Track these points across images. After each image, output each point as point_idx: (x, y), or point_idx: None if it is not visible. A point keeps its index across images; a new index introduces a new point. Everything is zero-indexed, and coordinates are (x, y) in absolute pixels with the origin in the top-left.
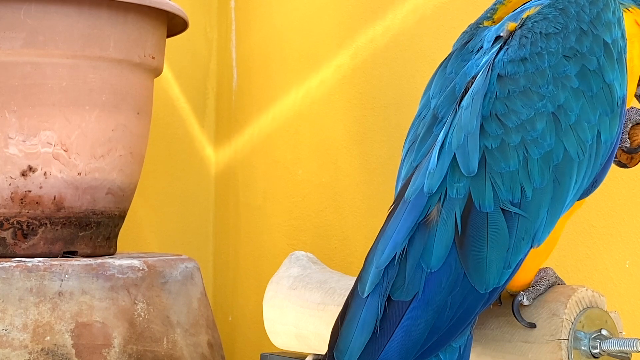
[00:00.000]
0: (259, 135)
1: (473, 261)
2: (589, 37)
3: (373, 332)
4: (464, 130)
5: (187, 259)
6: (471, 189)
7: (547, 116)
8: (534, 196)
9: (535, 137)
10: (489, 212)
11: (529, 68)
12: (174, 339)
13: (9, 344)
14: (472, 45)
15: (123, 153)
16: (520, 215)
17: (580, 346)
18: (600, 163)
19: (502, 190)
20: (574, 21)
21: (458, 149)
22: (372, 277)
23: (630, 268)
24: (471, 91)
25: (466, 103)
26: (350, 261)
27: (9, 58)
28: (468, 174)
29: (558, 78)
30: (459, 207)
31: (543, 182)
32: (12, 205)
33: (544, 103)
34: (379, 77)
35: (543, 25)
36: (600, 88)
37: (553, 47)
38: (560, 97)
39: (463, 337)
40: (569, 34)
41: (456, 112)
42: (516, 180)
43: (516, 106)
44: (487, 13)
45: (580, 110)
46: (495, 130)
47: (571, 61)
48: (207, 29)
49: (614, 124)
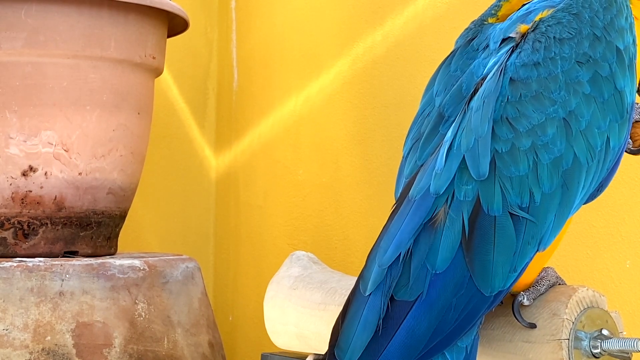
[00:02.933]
0: (260, 136)
1: (479, 264)
2: (602, 43)
3: (375, 331)
4: (475, 133)
5: (187, 259)
6: (480, 192)
7: (558, 121)
8: (543, 201)
9: (545, 142)
10: (497, 216)
11: (542, 73)
12: (175, 339)
13: (10, 343)
14: (477, 43)
15: (124, 153)
16: (528, 219)
17: (581, 346)
18: (607, 168)
19: (511, 195)
20: (588, 27)
21: (468, 151)
22: (375, 276)
23: (631, 268)
24: (482, 93)
25: (476, 105)
26: (350, 261)
27: (10, 58)
28: (478, 177)
29: (570, 84)
30: (466, 209)
31: (552, 187)
32: (13, 205)
33: (555, 108)
34: (379, 77)
35: (557, 30)
36: (611, 94)
37: (566, 52)
38: (572, 102)
39: (470, 337)
40: (583, 40)
41: (465, 113)
42: (525, 185)
43: (527, 111)
44: (491, 10)
45: (591, 116)
46: (506, 134)
47: (584, 67)
48: (207, 29)
49: (622, 130)
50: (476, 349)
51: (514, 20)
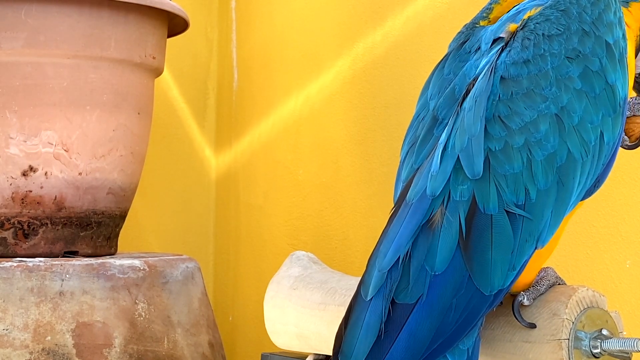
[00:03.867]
0: (260, 136)
1: (478, 263)
2: (591, 38)
3: (378, 335)
4: (468, 132)
5: (187, 259)
6: (475, 192)
7: (550, 118)
8: (538, 198)
9: (538, 139)
10: (493, 215)
11: (532, 70)
12: (175, 339)
13: (10, 343)
14: (470, 46)
15: (124, 153)
16: (525, 217)
17: (581, 346)
18: (602, 163)
19: (507, 192)
20: (576, 22)
21: (462, 151)
22: (375, 280)
23: (631, 268)
24: (473, 93)
25: (468, 105)
26: (350, 261)
27: (10, 58)
28: (472, 176)
29: (561, 79)
30: (463, 209)
31: (547, 184)
32: (13, 205)
33: (547, 105)
34: (379, 77)
35: (545, 26)
36: (602, 89)
37: (556, 48)
38: (564, 98)
39: (471, 339)
40: (571, 35)
41: (458, 114)
42: (520, 182)
43: (519, 108)
44: (483, 13)
45: (583, 112)
46: (499, 132)
47: (574, 62)
48: (207, 29)
49: (616, 124)
50: (478, 350)
51: (504, 21)
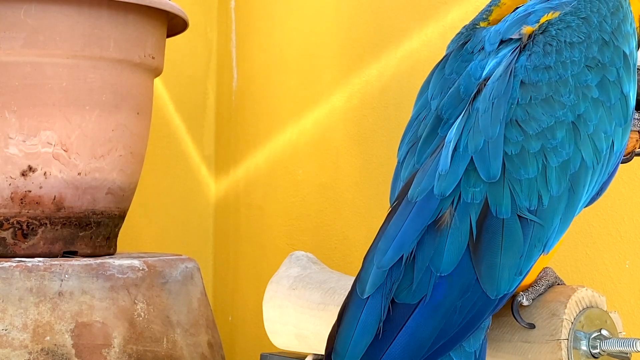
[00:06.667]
0: (259, 135)
1: (486, 267)
2: (610, 47)
3: (375, 335)
4: (484, 134)
5: (187, 259)
6: (488, 195)
7: (567, 125)
8: (550, 204)
9: (554, 145)
10: (505, 219)
11: (553, 76)
12: (174, 339)
13: (9, 343)
14: (472, 46)
15: (123, 153)
16: (536, 222)
17: (580, 346)
18: (609, 172)
19: (520, 197)
20: (597, 31)
21: (476, 153)
22: (374, 278)
23: (630, 268)
24: (489, 95)
25: (483, 106)
26: (350, 261)
27: (9, 58)
28: (488, 179)
29: (579, 88)
30: (474, 212)
31: (560, 190)
32: (12, 205)
33: (564, 112)
34: (379, 77)
35: (567, 33)
36: (618, 99)
37: (577, 56)
38: (581, 106)
39: (478, 341)
40: (592, 44)
41: (470, 114)
42: (534, 188)
43: (538, 114)
44: (483, 15)
45: (598, 120)
46: (516, 136)
47: (593, 71)
48: (207, 29)
49: (625, 134)
50: (485, 353)
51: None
